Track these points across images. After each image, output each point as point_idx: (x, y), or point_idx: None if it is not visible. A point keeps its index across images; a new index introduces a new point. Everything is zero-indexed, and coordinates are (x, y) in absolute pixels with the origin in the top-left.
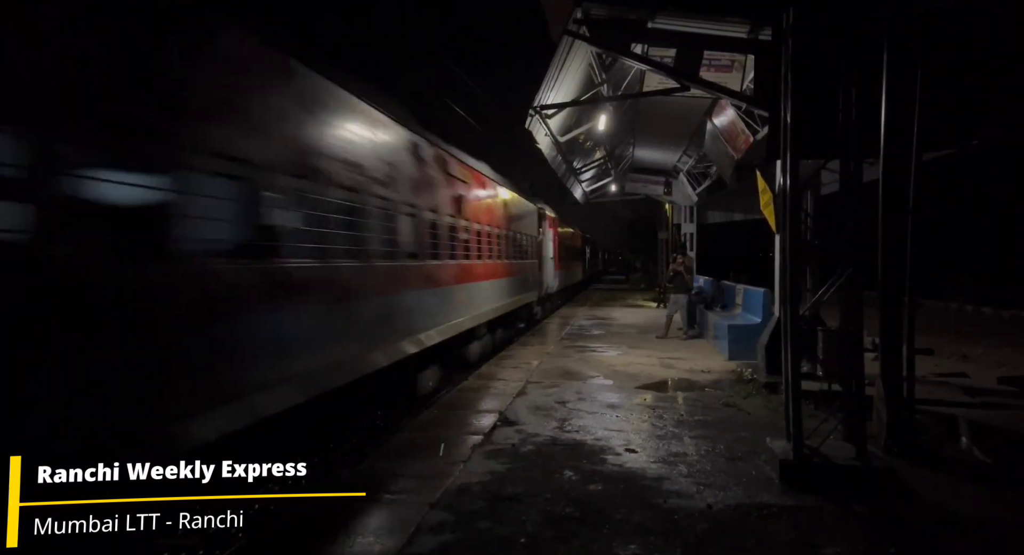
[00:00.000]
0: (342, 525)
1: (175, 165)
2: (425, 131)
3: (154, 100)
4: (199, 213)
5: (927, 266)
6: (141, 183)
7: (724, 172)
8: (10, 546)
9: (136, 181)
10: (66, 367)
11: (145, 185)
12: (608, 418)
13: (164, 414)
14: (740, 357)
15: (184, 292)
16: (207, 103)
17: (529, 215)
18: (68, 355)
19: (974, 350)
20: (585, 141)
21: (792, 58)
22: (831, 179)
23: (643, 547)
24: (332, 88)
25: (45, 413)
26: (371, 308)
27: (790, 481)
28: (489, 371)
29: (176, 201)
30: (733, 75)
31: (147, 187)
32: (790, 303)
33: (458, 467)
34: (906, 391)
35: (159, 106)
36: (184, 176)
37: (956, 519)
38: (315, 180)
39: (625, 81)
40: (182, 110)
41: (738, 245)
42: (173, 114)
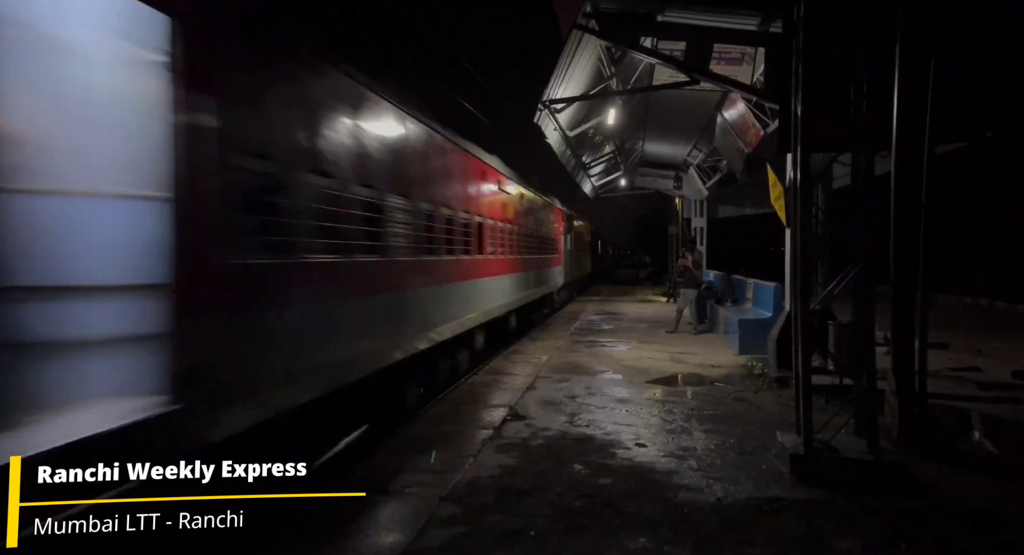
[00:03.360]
0: (354, 518)
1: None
2: (489, 155)
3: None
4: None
5: (940, 260)
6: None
7: (734, 166)
8: (10, 546)
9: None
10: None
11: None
12: (618, 412)
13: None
14: (750, 351)
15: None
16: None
17: (555, 218)
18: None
19: (988, 344)
20: (595, 135)
21: (803, 50)
22: (843, 172)
23: (653, 540)
24: (438, 136)
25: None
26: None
27: (800, 475)
28: (499, 365)
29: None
30: (743, 68)
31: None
32: (801, 297)
33: (468, 461)
34: (918, 385)
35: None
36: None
37: (968, 514)
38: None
39: (635, 75)
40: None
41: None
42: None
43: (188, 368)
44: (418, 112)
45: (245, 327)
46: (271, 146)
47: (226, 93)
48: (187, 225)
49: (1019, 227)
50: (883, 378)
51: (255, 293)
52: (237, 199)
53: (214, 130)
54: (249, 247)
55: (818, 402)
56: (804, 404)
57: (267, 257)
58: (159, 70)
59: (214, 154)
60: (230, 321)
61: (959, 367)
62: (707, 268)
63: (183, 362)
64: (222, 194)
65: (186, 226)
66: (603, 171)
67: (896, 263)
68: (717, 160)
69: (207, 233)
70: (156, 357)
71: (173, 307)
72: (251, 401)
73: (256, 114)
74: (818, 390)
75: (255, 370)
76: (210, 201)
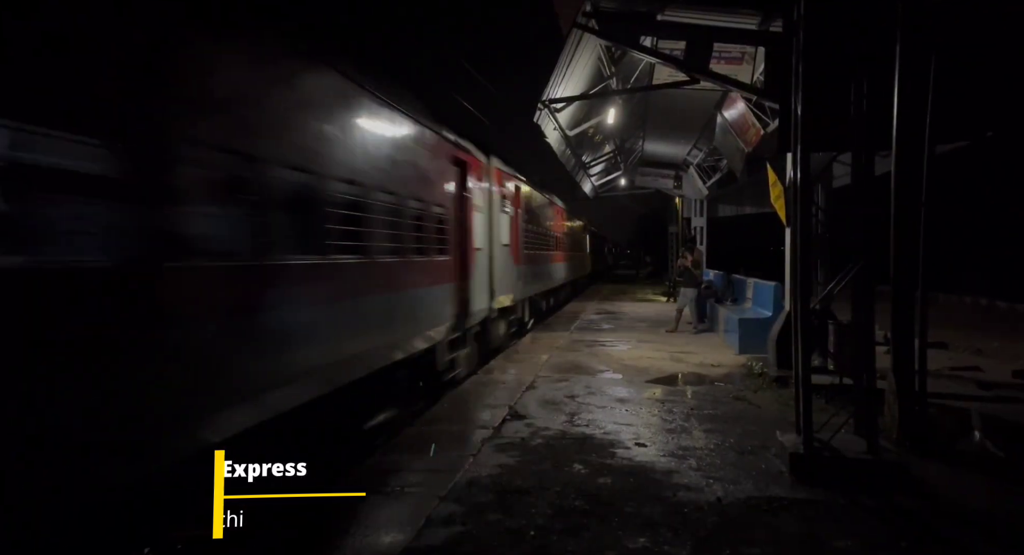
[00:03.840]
0: (353, 517)
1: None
2: (544, 187)
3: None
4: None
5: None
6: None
7: (734, 165)
8: (216, 537)
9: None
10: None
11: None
12: (618, 412)
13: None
14: (750, 351)
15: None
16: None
17: (577, 227)
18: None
19: (988, 344)
20: (594, 135)
21: (803, 49)
22: (843, 172)
23: (653, 540)
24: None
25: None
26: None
27: (800, 475)
28: (499, 364)
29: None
30: (743, 67)
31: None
32: (801, 296)
33: (468, 460)
34: (918, 385)
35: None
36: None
37: (968, 513)
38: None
39: (634, 74)
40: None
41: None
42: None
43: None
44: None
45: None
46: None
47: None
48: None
49: (1019, 226)
50: (883, 378)
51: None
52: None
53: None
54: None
55: (818, 402)
56: (804, 403)
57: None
58: None
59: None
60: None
61: (959, 366)
62: (707, 267)
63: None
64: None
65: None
66: (603, 170)
67: (896, 262)
68: (717, 159)
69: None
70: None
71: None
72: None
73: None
74: (818, 390)
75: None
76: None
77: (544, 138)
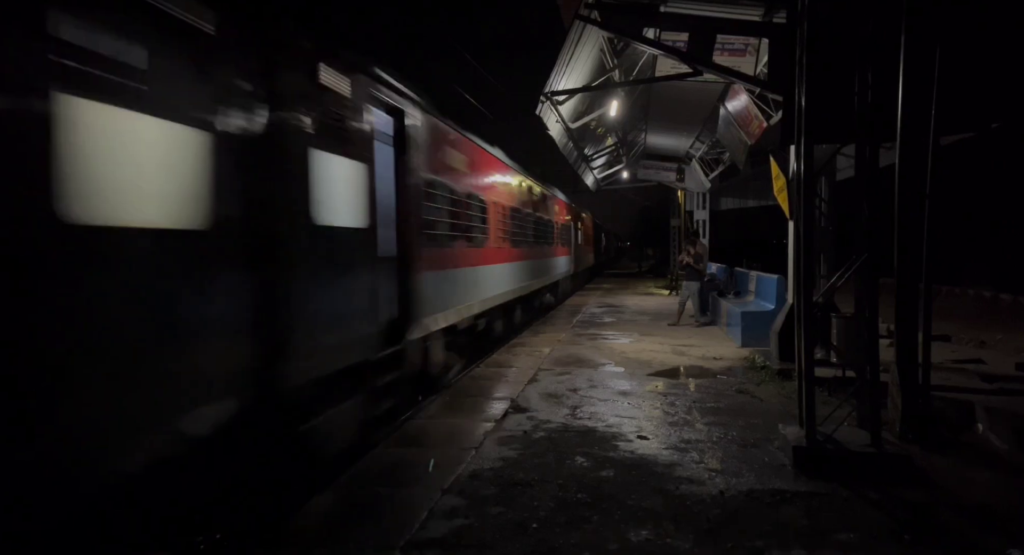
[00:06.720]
0: (355, 511)
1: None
2: (576, 200)
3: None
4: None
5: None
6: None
7: (737, 158)
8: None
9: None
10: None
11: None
12: (620, 405)
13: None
14: (753, 344)
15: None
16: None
17: (586, 223)
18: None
19: (992, 336)
20: (597, 127)
21: (807, 41)
22: (846, 164)
23: (655, 533)
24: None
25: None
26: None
27: (803, 467)
28: (501, 358)
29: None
30: (747, 59)
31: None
32: (804, 289)
33: (470, 453)
34: (922, 377)
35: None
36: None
37: (971, 506)
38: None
39: (637, 66)
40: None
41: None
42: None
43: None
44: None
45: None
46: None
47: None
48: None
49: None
50: (886, 370)
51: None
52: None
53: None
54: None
55: (821, 394)
56: (807, 396)
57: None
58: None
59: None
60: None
61: (962, 359)
62: (710, 260)
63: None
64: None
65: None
66: (605, 163)
67: (900, 255)
68: (720, 152)
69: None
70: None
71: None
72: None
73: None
74: (821, 382)
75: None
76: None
77: (546, 130)
